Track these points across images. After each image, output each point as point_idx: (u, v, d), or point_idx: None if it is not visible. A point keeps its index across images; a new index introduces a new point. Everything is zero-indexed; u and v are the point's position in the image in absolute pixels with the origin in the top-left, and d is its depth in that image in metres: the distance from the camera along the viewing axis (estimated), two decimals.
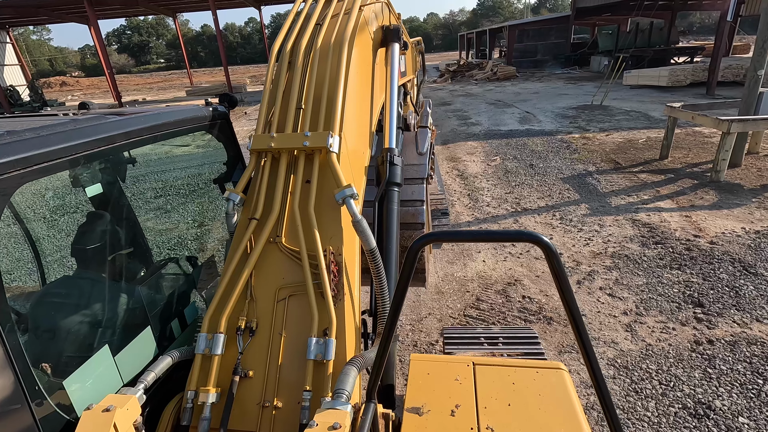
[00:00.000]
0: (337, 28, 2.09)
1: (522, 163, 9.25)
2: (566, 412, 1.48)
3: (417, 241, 1.02)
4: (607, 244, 5.47)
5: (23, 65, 30.30)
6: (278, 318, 1.55)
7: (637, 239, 5.53)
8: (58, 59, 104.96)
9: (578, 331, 1.06)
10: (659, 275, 4.68)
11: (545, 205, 6.94)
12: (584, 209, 6.61)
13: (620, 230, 5.82)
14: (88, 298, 1.72)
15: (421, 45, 5.57)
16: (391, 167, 2.10)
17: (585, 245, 5.51)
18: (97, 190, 1.88)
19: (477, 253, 5.51)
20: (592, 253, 5.28)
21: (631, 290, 4.47)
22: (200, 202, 7.99)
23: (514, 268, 5.09)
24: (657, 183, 7.43)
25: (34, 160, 1.22)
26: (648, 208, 6.46)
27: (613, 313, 4.15)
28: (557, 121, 13.25)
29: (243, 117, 18.62)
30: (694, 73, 16.66)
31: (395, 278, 1.88)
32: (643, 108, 14.07)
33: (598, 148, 9.87)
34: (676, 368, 3.41)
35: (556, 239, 5.73)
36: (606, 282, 4.65)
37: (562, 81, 24.16)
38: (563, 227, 6.08)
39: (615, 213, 6.38)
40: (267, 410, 1.45)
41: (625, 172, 8.12)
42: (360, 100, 2.12)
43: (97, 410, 1.18)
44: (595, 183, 7.69)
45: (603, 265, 4.99)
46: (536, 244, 0.99)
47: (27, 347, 1.19)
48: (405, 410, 1.52)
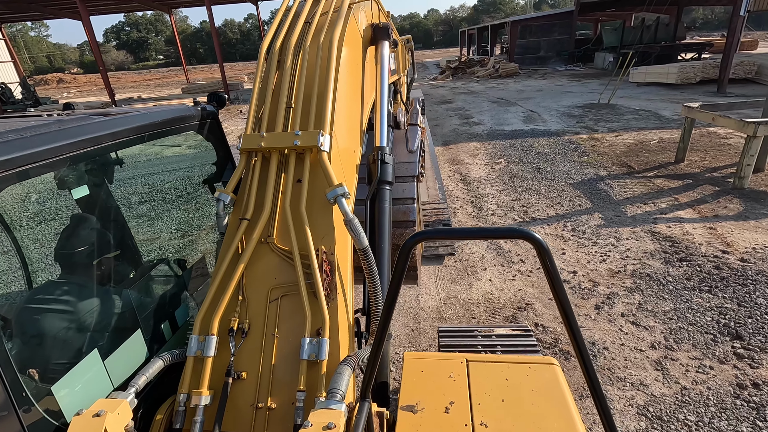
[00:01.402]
0: (326, 26, 2.06)
1: (528, 166, 8.73)
2: (559, 406, 1.48)
3: (409, 240, 1.00)
4: (626, 261, 4.96)
5: (16, 62, 29.70)
6: (271, 318, 1.54)
7: (658, 255, 5.02)
8: (57, 56, 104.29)
9: (571, 330, 1.06)
10: (688, 299, 4.17)
11: (555, 214, 6.42)
12: (597, 219, 6.10)
13: (639, 244, 5.31)
14: (76, 302, 1.69)
15: (411, 43, 5.55)
16: (382, 165, 2.08)
17: (601, 261, 5.01)
18: (83, 192, 1.84)
19: (483, 271, 5.01)
20: (610, 272, 4.78)
21: (657, 318, 3.97)
22: (187, 208, 7.51)
23: (524, 289, 4.58)
24: (675, 189, 6.91)
25: (17, 162, 1.19)
26: (667, 218, 5.94)
27: (639, 346, 3.64)
28: (563, 120, 12.71)
29: (238, 115, 18.09)
30: (704, 70, 16.09)
31: (388, 276, 1.88)
32: (653, 107, 13.52)
33: (608, 150, 9.34)
34: (719, 419, 2.91)
35: (569, 254, 5.22)
36: (628, 307, 4.15)
37: (565, 78, 23.58)
38: (576, 240, 5.57)
39: (632, 224, 5.87)
40: (261, 411, 1.44)
41: (639, 177, 7.60)
42: (350, 99, 2.10)
43: (87, 415, 1.17)
44: (607, 189, 7.17)
45: (623, 287, 4.48)
46: (528, 241, 0.98)
47: (13, 353, 1.17)
48: (399, 408, 1.52)
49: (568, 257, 5.16)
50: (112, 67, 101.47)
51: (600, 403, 1.14)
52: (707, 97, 14.31)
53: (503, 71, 26.65)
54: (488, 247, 5.53)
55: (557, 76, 25.01)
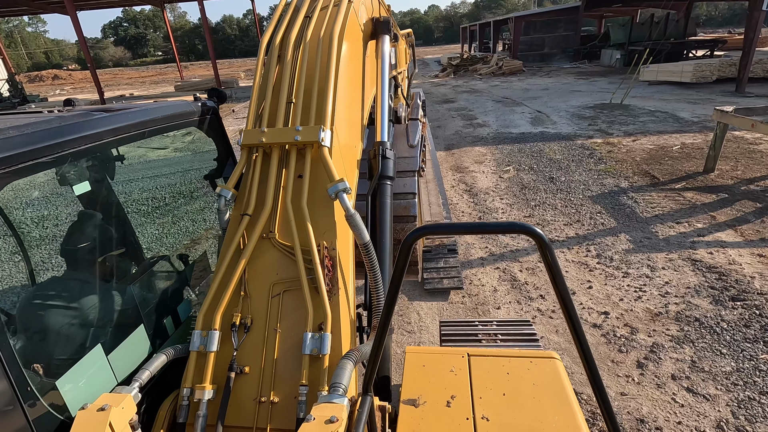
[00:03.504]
0: (326, 20, 2.07)
1: (540, 175, 7.93)
2: (560, 400, 1.48)
3: (410, 235, 1.00)
4: (667, 299, 4.17)
5: (5, 58, 28.86)
6: (273, 314, 1.55)
7: (705, 291, 4.23)
8: (54, 52, 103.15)
9: (572, 323, 1.07)
10: (752, 356, 3.39)
11: (575, 234, 5.63)
12: (625, 242, 5.30)
13: (679, 276, 4.52)
14: (79, 297, 1.70)
15: (412, 37, 5.40)
16: (383, 161, 2.08)
17: (636, 299, 4.22)
18: (85, 188, 1.81)
19: (496, 309, 4.22)
20: (649, 314, 3.99)
21: (718, 382, 3.18)
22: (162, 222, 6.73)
23: (547, 336, 3.79)
24: (709, 205, 6.11)
25: (19, 158, 1.20)
26: (707, 242, 5.14)
27: (702, 425, 2.86)
28: (574, 122, 11.89)
29: (230, 115, 17.24)
30: (721, 68, 15.23)
31: (389, 271, 1.88)
32: (669, 107, 12.69)
33: (626, 157, 8.53)
34: None
35: (597, 288, 4.43)
36: (679, 366, 3.36)
37: (572, 76, 22.71)
38: (603, 269, 4.77)
39: (666, 248, 5.07)
40: (264, 405, 1.45)
41: (665, 190, 6.80)
42: (351, 94, 2.11)
43: (92, 409, 1.19)
44: (631, 204, 6.37)
45: (668, 335, 3.69)
46: (528, 235, 0.98)
47: (18, 348, 1.21)
48: (401, 402, 1.52)
49: (596, 292, 4.37)
50: (110, 64, 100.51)
51: (601, 398, 1.13)
52: (726, 97, 13.49)
53: (507, 69, 25.77)
54: (501, 277, 4.74)
55: (563, 73, 24.14)
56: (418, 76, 29.50)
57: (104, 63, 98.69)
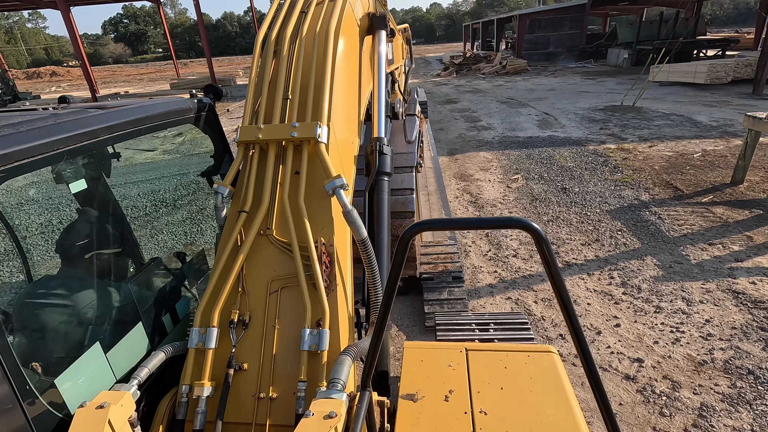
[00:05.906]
0: (322, 15, 2.07)
1: (551, 185, 7.30)
2: (557, 394, 1.48)
3: (408, 231, 1.00)
4: (710, 343, 3.55)
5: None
6: (271, 310, 1.55)
7: (753, 333, 3.61)
8: (54, 48, 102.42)
9: (569, 317, 1.06)
10: None
11: (595, 257, 5.01)
12: (653, 268, 4.68)
13: (721, 312, 3.90)
14: (77, 295, 1.68)
15: (408, 32, 5.36)
16: (380, 157, 2.08)
17: (674, 342, 3.60)
18: (81, 186, 1.81)
19: None
20: (692, 362, 3.37)
21: None
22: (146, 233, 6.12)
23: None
24: (743, 224, 5.48)
25: (13, 156, 1.19)
26: (747, 269, 4.52)
27: None
28: (584, 125, 11.25)
29: (224, 114, 16.61)
30: (736, 68, 14.56)
31: (387, 267, 1.89)
32: (684, 110, 12.04)
33: (644, 165, 7.90)
34: None
35: (626, 327, 3.81)
36: None
37: (578, 76, 22.04)
38: (630, 302, 4.15)
39: (701, 276, 4.45)
40: (263, 402, 1.45)
41: (692, 204, 6.17)
42: (347, 89, 2.10)
43: (90, 407, 1.19)
44: (655, 221, 5.75)
45: (718, 393, 3.08)
46: (525, 230, 0.98)
47: (16, 346, 1.18)
48: (400, 397, 1.52)
49: (625, 332, 3.75)
50: (110, 60, 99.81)
51: (599, 393, 1.13)
52: (743, 99, 12.84)
53: (511, 68, 25.09)
54: (513, 310, 4.12)
55: (569, 73, 23.45)
56: (420, 75, 28.84)
57: (104, 60, 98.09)
